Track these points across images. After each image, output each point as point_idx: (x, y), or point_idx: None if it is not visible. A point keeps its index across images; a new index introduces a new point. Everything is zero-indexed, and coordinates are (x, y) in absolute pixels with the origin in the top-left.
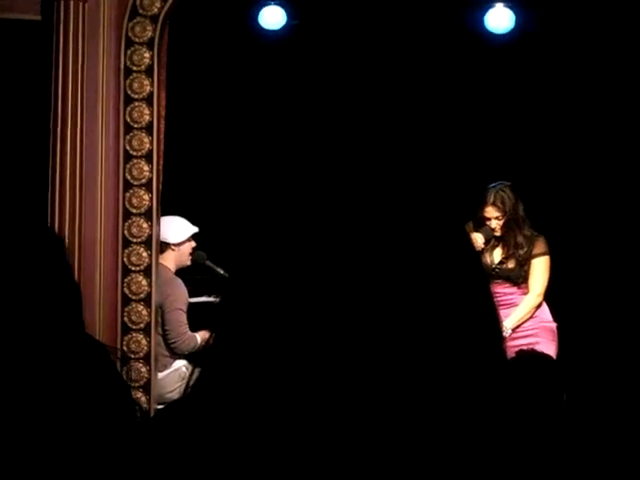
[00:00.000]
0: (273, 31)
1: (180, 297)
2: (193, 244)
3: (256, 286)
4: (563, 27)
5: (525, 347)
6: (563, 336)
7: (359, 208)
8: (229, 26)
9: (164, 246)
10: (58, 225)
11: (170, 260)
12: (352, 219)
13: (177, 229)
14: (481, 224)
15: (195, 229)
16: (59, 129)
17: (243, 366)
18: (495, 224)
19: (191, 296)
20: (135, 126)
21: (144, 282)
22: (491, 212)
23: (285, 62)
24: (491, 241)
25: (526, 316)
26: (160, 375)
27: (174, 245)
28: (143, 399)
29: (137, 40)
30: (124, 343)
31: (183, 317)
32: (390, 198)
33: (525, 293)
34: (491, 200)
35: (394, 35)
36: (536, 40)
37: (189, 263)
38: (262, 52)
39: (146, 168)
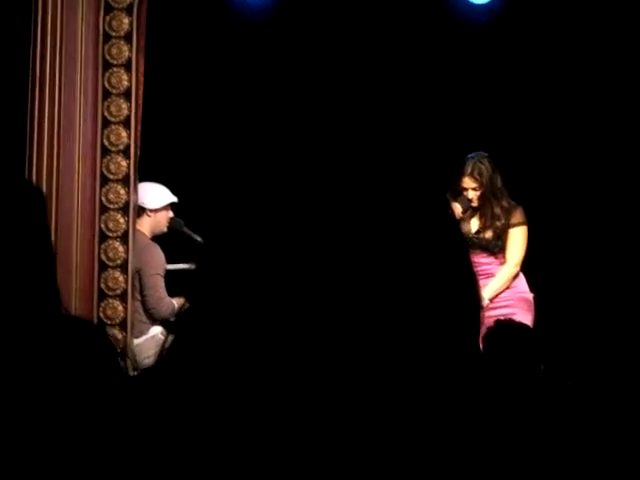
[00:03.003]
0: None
1: (158, 262)
2: (170, 214)
3: (231, 254)
4: None
5: (502, 318)
6: (540, 307)
7: (336, 177)
8: None
9: (140, 211)
10: None
11: (146, 226)
12: (328, 189)
13: (155, 195)
14: (458, 195)
15: (174, 198)
16: (37, 94)
17: (216, 333)
18: (472, 195)
19: (168, 263)
20: (113, 92)
21: (121, 248)
22: (468, 183)
23: (267, 31)
24: (468, 211)
25: (503, 286)
26: (136, 341)
27: (150, 211)
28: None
29: (116, 6)
30: (100, 309)
31: (161, 282)
32: (370, 168)
33: (502, 263)
34: (468, 171)
35: (374, 10)
36: (518, 11)
37: (165, 230)
38: (242, 20)
39: (124, 134)
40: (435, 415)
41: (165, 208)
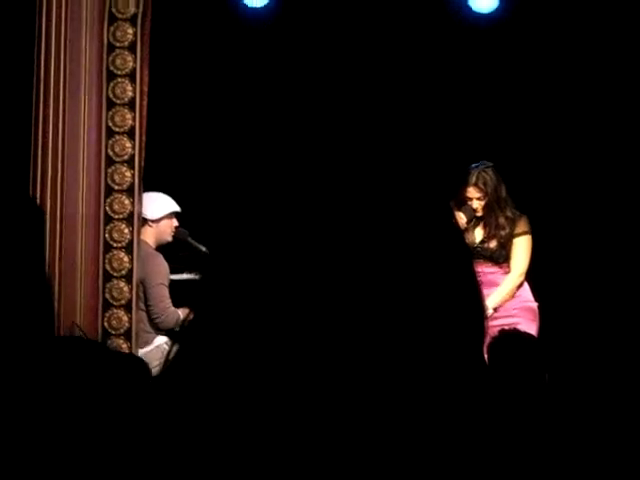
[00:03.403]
0: (257, 8)
1: (162, 272)
2: (175, 223)
3: (236, 264)
4: (549, 5)
5: (506, 327)
6: (544, 316)
7: (341, 186)
8: (213, 3)
9: (143, 221)
10: (40, 200)
11: (149, 236)
12: (333, 197)
13: (156, 205)
14: (462, 204)
15: (176, 208)
16: (41, 104)
17: (221, 344)
18: (477, 204)
19: (173, 273)
20: (118, 102)
21: (125, 258)
22: (473, 193)
23: (270, 38)
24: (472, 220)
25: (507, 296)
26: (141, 352)
27: (151, 221)
28: None
29: (120, 16)
30: (105, 319)
31: (166, 291)
32: (373, 176)
33: (507, 272)
34: (473, 181)
35: (378, 16)
36: (521, 19)
37: (169, 239)
38: (246, 29)
39: (128, 144)
40: (439, 425)
41: (168, 217)
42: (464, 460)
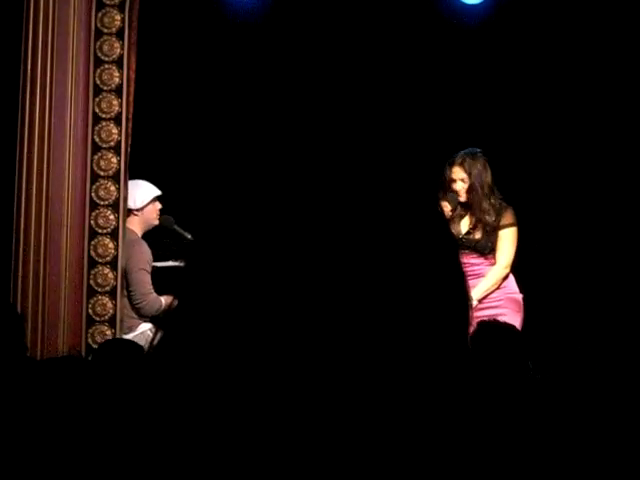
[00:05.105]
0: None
1: (143, 258)
2: (158, 206)
3: (221, 251)
4: None
5: (486, 318)
6: (529, 308)
7: (325, 174)
8: None
9: (128, 211)
10: (26, 188)
11: (135, 224)
12: (316, 186)
13: (138, 194)
14: (447, 189)
15: (157, 192)
16: (28, 90)
17: (205, 331)
18: (460, 186)
19: (158, 260)
20: (105, 88)
21: (110, 245)
22: (457, 173)
23: (258, 29)
24: (457, 209)
25: (492, 287)
26: (125, 337)
27: (136, 210)
28: None
29: (108, 2)
30: (90, 306)
31: (147, 277)
32: (359, 166)
33: (492, 264)
34: (458, 161)
35: (368, 11)
36: (510, 11)
37: (156, 223)
38: (233, 18)
39: (115, 131)
40: (424, 416)
41: (151, 203)
42: (448, 451)
